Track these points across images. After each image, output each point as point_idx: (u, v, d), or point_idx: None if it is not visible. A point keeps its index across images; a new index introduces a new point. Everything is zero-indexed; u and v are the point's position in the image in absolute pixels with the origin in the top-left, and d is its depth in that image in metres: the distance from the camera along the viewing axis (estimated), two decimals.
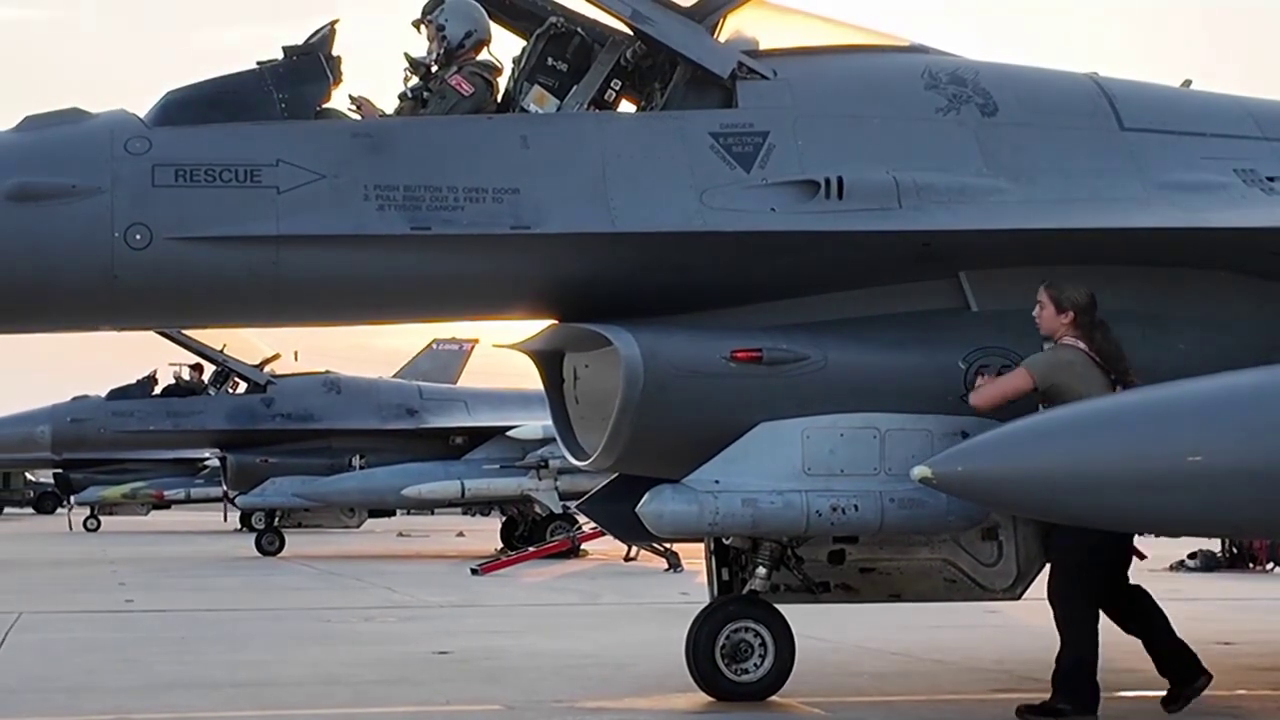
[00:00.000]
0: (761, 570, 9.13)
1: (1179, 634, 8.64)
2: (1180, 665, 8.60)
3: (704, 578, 9.99)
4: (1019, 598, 9.57)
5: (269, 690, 9.92)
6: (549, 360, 9.67)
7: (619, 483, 9.52)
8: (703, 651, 9.03)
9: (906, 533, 8.99)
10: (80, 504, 47.04)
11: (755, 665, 9.00)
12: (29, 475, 61.34)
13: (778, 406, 8.66)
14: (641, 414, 8.60)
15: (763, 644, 8.99)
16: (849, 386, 8.74)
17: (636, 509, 8.75)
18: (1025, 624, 13.71)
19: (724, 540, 9.33)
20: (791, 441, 8.67)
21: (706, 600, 9.64)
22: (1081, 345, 8.38)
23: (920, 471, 7.68)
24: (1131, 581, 8.67)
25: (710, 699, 9.02)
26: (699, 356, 8.65)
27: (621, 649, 12.24)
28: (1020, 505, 8.13)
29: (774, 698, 9.01)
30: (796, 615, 9.17)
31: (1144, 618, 8.66)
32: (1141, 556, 9.17)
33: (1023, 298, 8.92)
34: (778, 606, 9.16)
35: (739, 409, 8.67)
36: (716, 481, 8.57)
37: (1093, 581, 8.38)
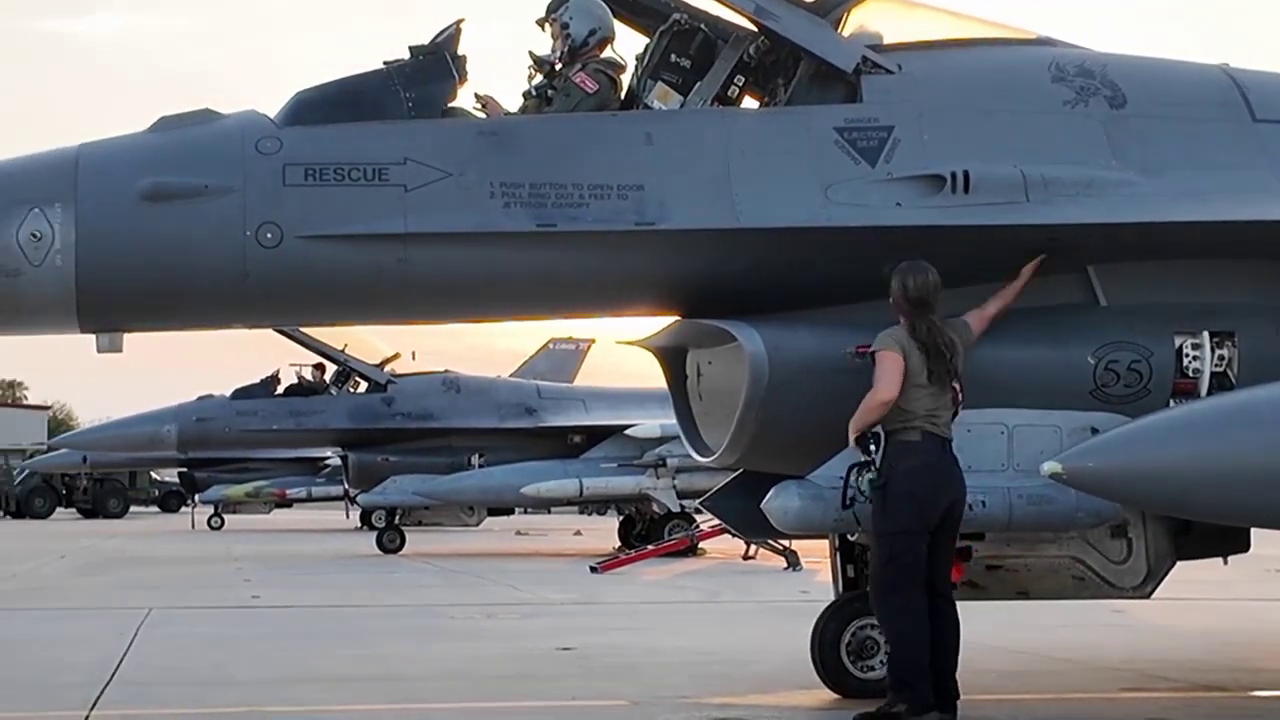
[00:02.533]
0: None
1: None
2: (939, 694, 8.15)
3: (824, 576, 9.95)
4: (1149, 596, 9.44)
5: (397, 684, 10.01)
6: (672, 357, 9.67)
7: (743, 479, 9.50)
8: (828, 648, 9.02)
9: (1034, 529, 8.88)
10: (204, 503, 47.77)
11: (881, 662, 8.95)
12: (154, 474, 62.39)
13: None
14: (766, 410, 8.59)
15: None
16: (975, 382, 8.67)
17: (761, 505, 8.74)
18: (1153, 623, 13.57)
19: (849, 536, 9.30)
20: None
21: (828, 598, 9.61)
22: (904, 327, 8.19)
23: (1050, 467, 7.61)
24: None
25: (836, 695, 8.99)
26: (824, 352, 8.61)
27: (743, 646, 12.24)
28: (1152, 501, 8.04)
29: None
30: None
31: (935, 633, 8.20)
32: (967, 556, 8.80)
33: (1153, 292, 8.83)
34: None
35: None
36: (842, 478, 8.54)
37: (909, 573, 8.04)
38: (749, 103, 9.00)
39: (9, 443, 71.64)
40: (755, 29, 8.78)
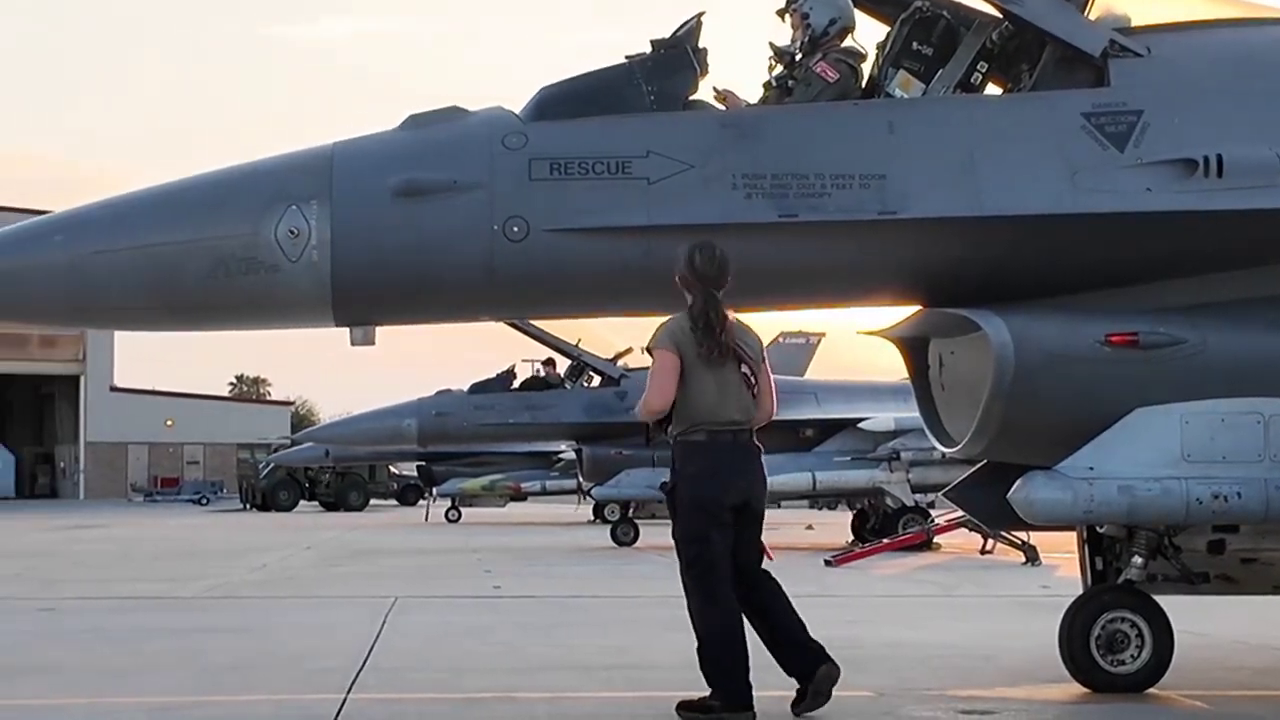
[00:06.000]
0: (1138, 560, 8.92)
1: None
2: (803, 662, 8.22)
3: (1064, 571, 9.80)
4: None
5: (639, 673, 10.11)
6: (914, 347, 9.62)
7: (988, 470, 9.40)
8: (1077, 642, 8.87)
9: None
10: (441, 496, 48.68)
11: (1132, 656, 8.80)
12: (392, 468, 63.81)
13: (1154, 391, 8.45)
14: (1012, 400, 8.50)
15: (1139, 635, 8.79)
16: (1230, 371, 8.48)
17: (1007, 496, 8.65)
18: None
19: (1097, 529, 9.15)
20: (1169, 427, 8.46)
21: (1070, 592, 9.46)
22: (683, 315, 8.08)
23: None
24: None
25: (1085, 690, 8.85)
26: (1072, 341, 8.51)
27: (985, 640, 12.10)
28: None
29: (1152, 690, 8.79)
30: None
31: (762, 609, 8.24)
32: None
33: None
34: (1155, 597, 8.95)
35: (1113, 394, 8.50)
36: (1091, 468, 8.42)
37: (711, 575, 8.01)
38: (992, 89, 8.90)
39: (255, 437, 74.12)
40: (999, 14, 8.69)
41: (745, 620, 8.19)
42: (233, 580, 19.50)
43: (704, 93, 8.76)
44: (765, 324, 42.58)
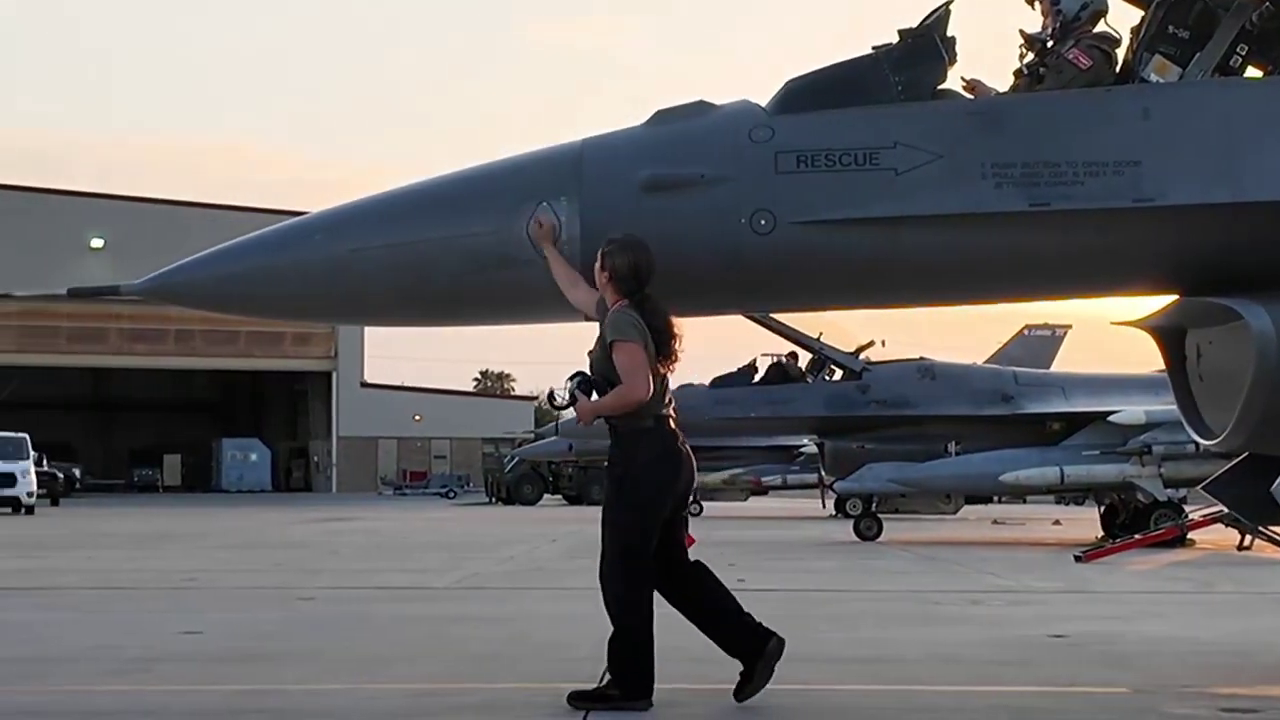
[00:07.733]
0: None
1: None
2: (746, 641, 8.37)
3: None
4: None
5: (889, 666, 10.06)
6: (1170, 337, 9.39)
7: (1249, 463, 9.17)
8: None
9: None
10: None
11: None
12: None
13: None
14: (1275, 391, 8.26)
15: None
16: None
17: (1270, 490, 8.41)
18: None
19: None
20: None
21: None
22: (632, 310, 8.02)
23: None
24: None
25: None
26: None
27: (1244, 637, 11.79)
28: None
29: None
30: None
31: (696, 596, 8.40)
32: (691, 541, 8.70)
33: None
34: None
35: None
36: None
37: (643, 565, 8.09)
38: (1252, 73, 8.66)
39: (499, 432, 75.40)
40: None
41: (679, 609, 8.47)
42: (483, 572, 19.87)
43: (952, 82, 8.68)
44: (1010, 315, 42.00)
